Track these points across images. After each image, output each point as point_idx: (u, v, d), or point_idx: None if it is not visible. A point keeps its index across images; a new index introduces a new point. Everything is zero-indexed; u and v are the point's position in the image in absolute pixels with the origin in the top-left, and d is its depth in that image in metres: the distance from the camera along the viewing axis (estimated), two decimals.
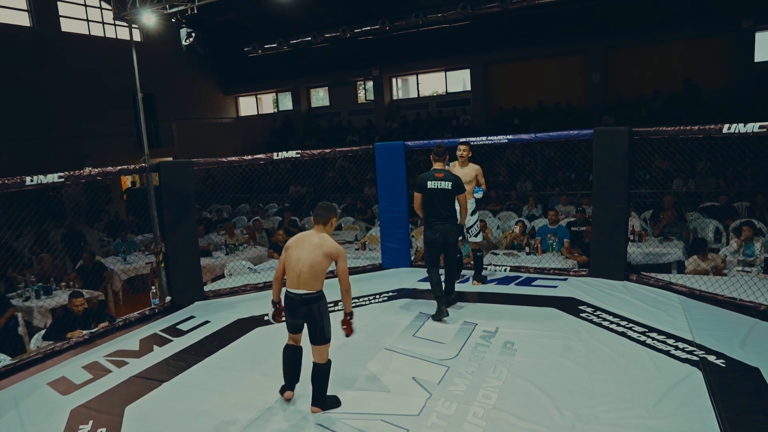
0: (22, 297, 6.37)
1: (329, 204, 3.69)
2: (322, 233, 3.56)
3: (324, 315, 3.46)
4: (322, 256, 3.44)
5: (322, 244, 3.47)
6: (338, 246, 3.52)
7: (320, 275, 3.45)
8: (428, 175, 5.01)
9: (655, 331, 4.37)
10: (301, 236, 3.60)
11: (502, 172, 12.90)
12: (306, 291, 3.42)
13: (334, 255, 3.48)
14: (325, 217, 3.59)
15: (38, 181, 4.61)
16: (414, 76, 18.11)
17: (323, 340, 3.45)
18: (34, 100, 14.18)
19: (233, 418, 3.49)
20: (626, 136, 5.47)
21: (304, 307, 3.43)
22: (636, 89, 14.11)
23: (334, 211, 3.66)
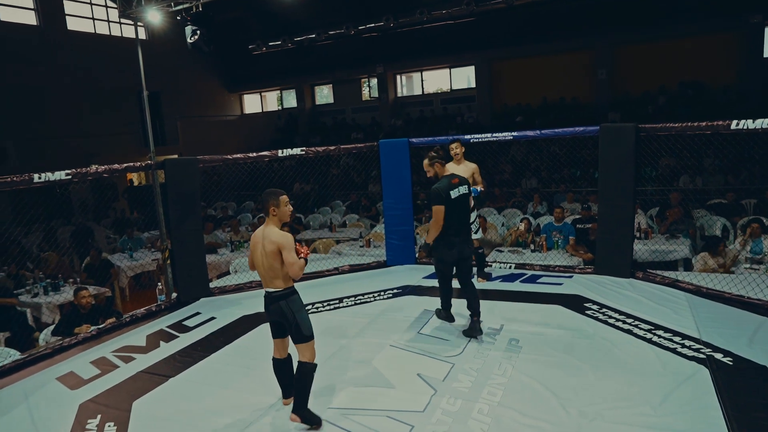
0: (30, 293, 6.42)
1: (270, 190, 3.37)
2: (269, 226, 3.32)
3: (296, 311, 3.29)
4: (270, 255, 3.23)
5: (265, 243, 3.26)
6: (280, 236, 3.23)
7: (278, 273, 3.26)
8: (446, 184, 4.34)
9: (662, 329, 4.35)
10: (256, 234, 3.39)
11: (507, 169, 12.88)
12: (273, 289, 3.31)
13: (276, 249, 3.22)
14: (264, 206, 3.33)
15: (46, 178, 4.64)
16: (418, 73, 18.09)
17: (302, 337, 3.28)
18: (41, 99, 14.26)
19: (239, 414, 3.51)
20: (632, 132, 5.44)
21: (273, 305, 3.30)
22: (642, 86, 14.05)
23: (272, 196, 3.33)
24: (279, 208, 3.32)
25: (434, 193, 4.30)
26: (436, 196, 4.29)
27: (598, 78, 14.78)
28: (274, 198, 3.33)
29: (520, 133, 6.40)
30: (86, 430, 3.43)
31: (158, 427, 3.44)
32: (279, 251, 3.21)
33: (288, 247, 3.21)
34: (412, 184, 6.84)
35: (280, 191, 3.37)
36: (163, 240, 6.16)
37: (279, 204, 3.32)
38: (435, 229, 4.35)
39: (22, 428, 3.51)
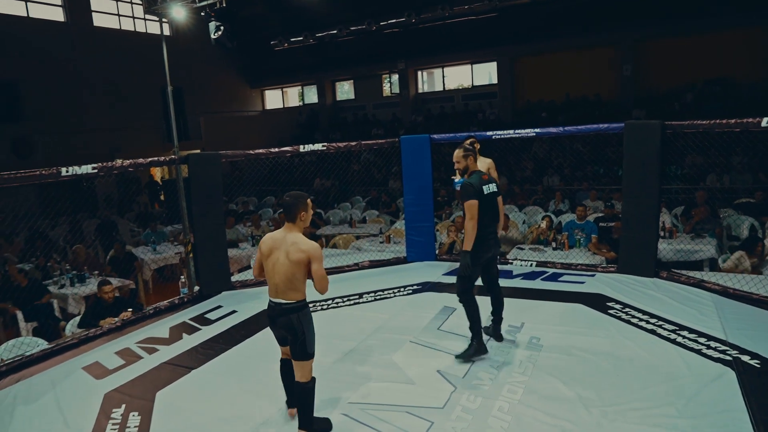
0: (57, 284, 6.57)
1: (297, 193, 3.11)
2: (293, 232, 3.06)
3: (306, 327, 3.07)
4: (295, 264, 2.98)
5: (290, 250, 2.99)
6: (311, 246, 3.01)
7: (297, 284, 3.03)
8: (478, 179, 4.03)
9: (686, 330, 4.28)
10: (273, 238, 3.11)
11: (529, 167, 12.76)
12: (285, 301, 3.06)
13: (305, 259, 2.98)
14: (293, 212, 3.06)
15: (73, 172, 4.74)
16: (440, 69, 18.00)
17: (304, 355, 3.08)
18: (66, 94, 14.57)
19: (259, 406, 3.55)
20: (658, 129, 5.34)
21: (283, 318, 3.07)
22: (668, 82, 13.77)
23: (303, 202, 3.07)
24: (307, 213, 3.10)
25: (468, 187, 3.95)
26: (470, 190, 3.93)
27: (623, 74, 14.53)
28: (304, 202, 3.07)
29: (543, 130, 6.32)
30: (111, 419, 3.50)
31: (181, 417, 3.49)
32: (308, 262, 2.98)
33: (320, 259, 3.00)
34: (433, 181, 6.82)
35: (306, 194, 3.13)
36: (185, 234, 6.24)
37: (307, 209, 3.10)
38: (473, 229, 3.89)
39: (50, 416, 3.60)
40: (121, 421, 3.47)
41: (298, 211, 3.05)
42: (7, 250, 8.73)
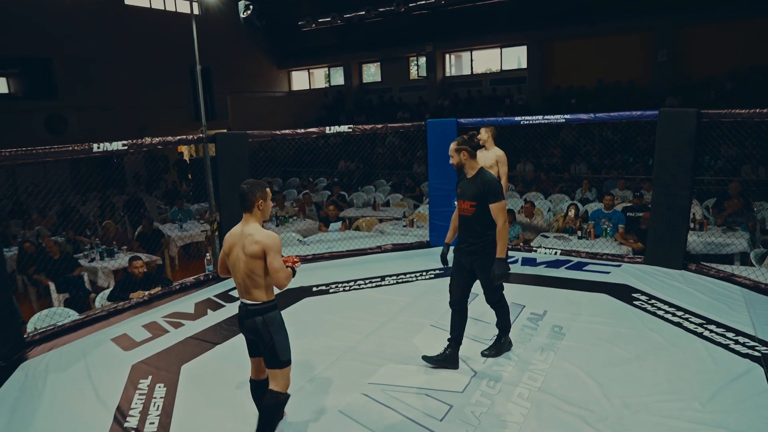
0: (87, 258, 6.75)
1: (254, 181, 2.83)
2: (250, 224, 2.77)
3: (274, 331, 2.77)
4: (251, 258, 2.70)
5: (245, 243, 2.72)
6: (266, 236, 2.70)
7: (259, 281, 2.74)
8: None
9: (714, 324, 4.19)
10: (232, 234, 2.83)
11: (556, 154, 12.55)
12: (250, 301, 2.79)
13: (260, 251, 2.68)
14: (249, 201, 2.76)
15: (104, 148, 4.82)
16: (468, 53, 17.72)
17: (276, 362, 2.78)
18: (97, 71, 14.80)
19: None
20: (694, 118, 5.18)
21: (249, 320, 2.80)
22: (705, 69, 13.30)
23: (260, 190, 2.77)
24: (266, 203, 2.80)
25: (497, 185, 3.53)
26: (499, 189, 3.53)
27: (658, 60, 14.08)
28: (261, 190, 2.78)
29: (573, 116, 6.19)
30: (138, 389, 3.61)
31: (205, 390, 3.58)
32: (263, 254, 2.68)
33: (275, 250, 2.68)
34: None
35: (264, 183, 2.84)
36: (212, 212, 6.33)
37: (266, 197, 2.80)
38: (506, 234, 3.54)
39: (81, 384, 3.73)
40: (147, 391, 3.57)
41: (255, 200, 2.76)
42: (40, 223, 9.01)
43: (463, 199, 3.62)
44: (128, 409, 3.35)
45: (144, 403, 3.42)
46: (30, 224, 9.13)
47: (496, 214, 3.49)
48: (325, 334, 4.37)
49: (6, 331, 4.14)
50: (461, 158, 3.60)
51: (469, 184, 3.59)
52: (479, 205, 3.51)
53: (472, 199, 3.54)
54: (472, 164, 3.61)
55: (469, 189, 3.57)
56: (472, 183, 3.58)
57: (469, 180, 3.61)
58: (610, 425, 2.99)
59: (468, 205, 3.57)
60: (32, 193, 10.60)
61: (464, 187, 3.62)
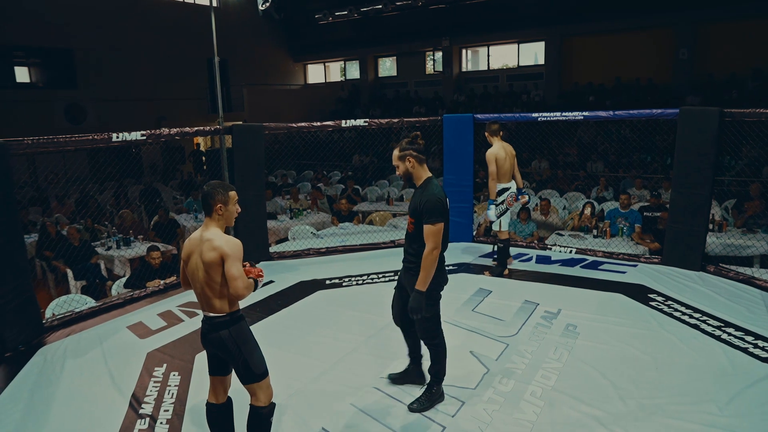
0: (105, 246, 6.83)
1: (217, 183, 2.58)
2: (210, 228, 2.52)
3: (242, 343, 2.54)
4: (209, 266, 2.45)
5: (203, 249, 2.47)
6: (224, 241, 2.45)
7: (219, 290, 2.49)
8: (440, 189, 3.07)
9: (732, 327, 4.13)
10: (191, 240, 2.58)
11: (572, 152, 12.43)
12: (213, 314, 2.54)
13: (217, 258, 2.43)
14: (209, 204, 2.52)
15: (123, 138, 4.86)
16: (485, 48, 17.58)
17: (251, 377, 2.57)
18: (116, 62, 14.93)
19: (296, 373, 3.63)
20: (716, 117, 5.09)
21: (213, 335, 2.54)
22: (728, 68, 13.06)
23: (221, 193, 2.53)
24: (227, 207, 2.55)
25: (435, 204, 2.94)
26: (437, 209, 2.95)
27: (679, 58, 13.85)
28: (223, 193, 2.54)
29: (592, 113, 6.12)
30: (153, 376, 3.65)
31: None
32: (221, 261, 2.44)
33: (233, 257, 2.43)
34: (474, 162, 6.73)
35: (229, 185, 2.61)
36: None
37: (228, 201, 2.55)
38: (432, 263, 2.98)
39: (97, 370, 3.78)
40: (162, 379, 3.61)
41: (215, 203, 2.51)
42: (59, 211, 9.14)
43: (409, 214, 3.13)
44: (143, 396, 3.40)
45: (159, 391, 3.46)
46: (49, 212, 9.27)
47: (427, 236, 2.94)
48: (337, 327, 4.38)
49: (26, 316, 4.21)
50: (407, 166, 3.07)
51: (415, 197, 3.07)
52: (417, 222, 3.02)
53: (411, 215, 3.07)
54: (419, 173, 3.08)
55: (412, 203, 3.08)
56: (416, 196, 3.05)
57: (418, 191, 3.08)
58: (624, 426, 2.96)
59: (410, 221, 3.09)
60: (52, 181, 10.75)
61: (412, 199, 3.11)
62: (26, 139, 4.19)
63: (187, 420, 3.17)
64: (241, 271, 2.47)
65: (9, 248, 4.07)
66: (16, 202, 4.26)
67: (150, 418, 3.17)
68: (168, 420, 3.16)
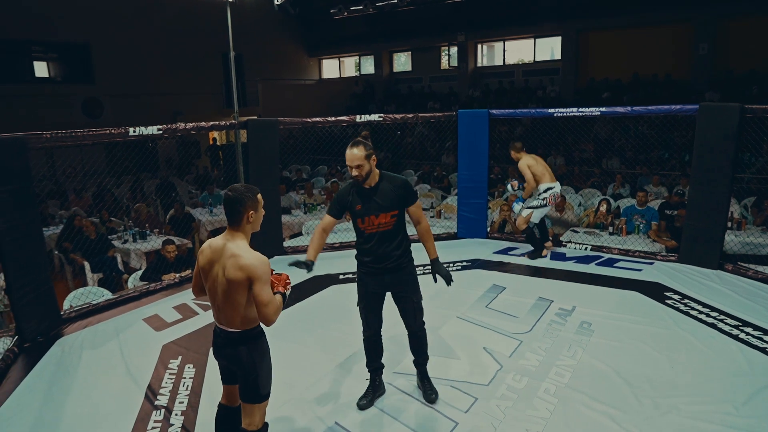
0: (121, 239, 6.92)
1: (243, 187, 2.34)
2: (235, 240, 2.31)
3: (259, 362, 2.39)
4: (232, 284, 2.26)
5: (227, 265, 2.26)
6: (253, 260, 2.23)
7: (241, 310, 2.31)
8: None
9: (750, 326, 4.06)
10: (212, 248, 2.37)
11: (588, 148, 12.30)
12: (231, 329, 2.38)
13: (243, 279, 2.23)
14: (236, 213, 2.30)
15: (140, 132, 4.91)
16: (501, 43, 17.44)
17: (256, 396, 2.41)
18: (133, 58, 15.07)
19: (309, 367, 3.66)
20: (737, 113, 5.00)
21: (229, 349, 2.41)
22: (748, 64, 12.81)
23: (250, 199, 2.30)
24: (257, 213, 2.35)
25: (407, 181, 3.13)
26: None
27: (698, 53, 13.61)
28: (252, 198, 2.31)
29: (609, 109, 6.05)
30: (168, 369, 3.69)
31: None
32: (248, 283, 2.24)
33: (263, 279, 2.22)
34: (489, 158, 6.69)
35: (254, 188, 2.37)
36: None
37: (258, 207, 2.35)
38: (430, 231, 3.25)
39: (114, 361, 3.83)
40: (177, 371, 3.65)
41: (245, 211, 2.29)
42: (76, 204, 9.26)
43: (378, 213, 3.01)
44: (159, 388, 3.44)
45: (174, 383, 3.50)
46: (67, 205, 9.40)
47: (419, 213, 3.14)
48: (350, 322, 4.37)
49: (44, 307, 4.28)
50: (371, 165, 2.98)
51: (380, 193, 3.01)
52: (399, 213, 3.07)
53: (393, 208, 3.03)
54: (375, 171, 3.03)
55: (383, 199, 3.01)
56: (383, 191, 3.02)
57: (374, 189, 3.02)
58: (638, 425, 2.94)
59: (389, 217, 3.03)
60: (70, 174, 10.90)
61: (371, 199, 3.01)
62: (45, 134, 4.25)
63: (201, 412, 3.20)
64: (272, 296, 2.26)
65: (28, 241, 4.14)
66: (35, 196, 4.33)
67: (165, 410, 3.21)
68: (183, 411, 3.20)
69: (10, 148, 4.01)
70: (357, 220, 3.07)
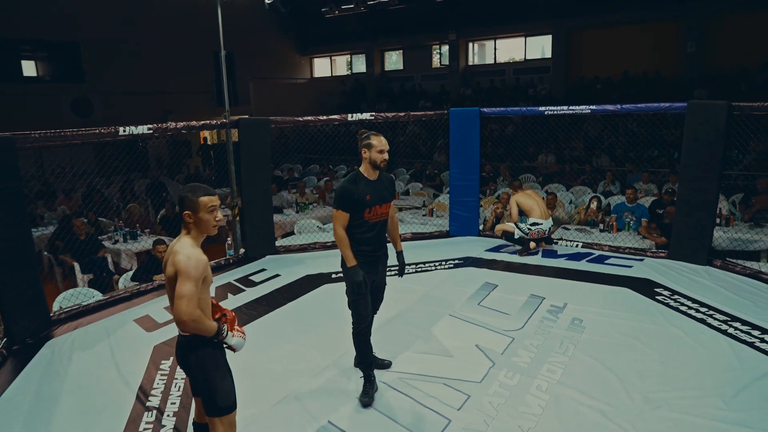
0: (111, 240, 6.87)
1: (188, 186, 2.30)
2: (182, 239, 2.26)
3: (210, 370, 2.26)
4: (168, 282, 2.22)
5: (168, 262, 2.23)
6: (184, 255, 2.17)
7: None
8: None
9: (739, 321, 4.11)
10: (168, 249, 2.33)
11: (579, 146, 12.36)
12: (181, 332, 2.29)
13: (173, 273, 2.18)
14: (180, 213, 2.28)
15: (130, 131, 4.88)
16: (492, 41, 17.49)
17: (214, 409, 2.26)
18: (123, 56, 14.96)
19: (302, 366, 3.65)
20: (724, 110, 5.05)
21: (179, 353, 2.33)
22: (737, 61, 12.93)
23: (186, 199, 2.24)
24: (197, 215, 2.24)
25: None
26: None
27: (687, 51, 13.73)
28: (191, 199, 2.23)
29: (599, 107, 6.08)
30: (160, 369, 3.67)
31: None
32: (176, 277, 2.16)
33: (188, 275, 2.13)
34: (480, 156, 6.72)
35: (203, 188, 2.28)
36: (233, 197, 6.38)
37: (197, 208, 2.24)
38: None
39: (105, 362, 3.81)
40: (169, 372, 3.63)
41: (181, 210, 2.25)
42: (65, 205, 9.19)
43: (381, 203, 3.25)
44: (150, 389, 3.42)
45: (165, 384, 3.49)
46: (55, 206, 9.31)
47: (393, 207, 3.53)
48: (342, 321, 4.37)
49: (33, 309, 4.24)
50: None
51: (381, 185, 3.28)
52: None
53: (390, 199, 3.35)
54: None
55: (384, 191, 3.28)
56: (383, 183, 3.29)
57: (377, 181, 3.26)
58: (629, 420, 2.96)
59: (387, 208, 3.30)
60: (59, 174, 10.81)
61: (377, 190, 3.23)
62: (33, 133, 4.21)
63: (193, 412, 3.18)
64: (192, 294, 2.13)
65: (17, 242, 4.10)
66: (24, 196, 4.29)
67: (157, 411, 3.20)
68: (175, 413, 3.18)
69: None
70: (365, 210, 3.20)
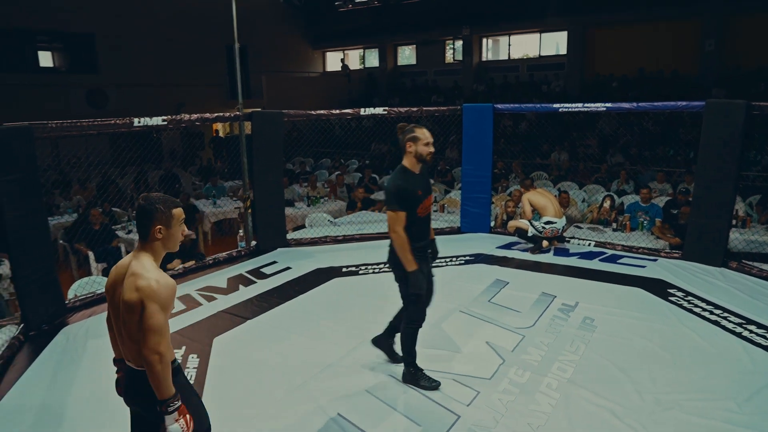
0: (125, 230, 6.94)
1: (155, 196, 1.96)
2: (141, 259, 1.93)
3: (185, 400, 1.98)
4: (126, 309, 1.88)
5: (125, 285, 1.90)
6: (151, 280, 1.86)
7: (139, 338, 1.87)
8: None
9: (754, 324, 4.06)
10: (117, 268, 2.02)
11: (593, 144, 12.26)
12: (132, 365, 1.99)
13: (137, 302, 1.85)
14: (143, 227, 1.95)
15: (144, 123, 4.92)
16: (506, 37, 17.35)
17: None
18: (137, 48, 15.05)
19: (312, 359, 3.66)
20: (743, 110, 4.98)
21: (131, 390, 2.03)
22: (755, 60, 12.72)
23: (158, 211, 1.93)
24: (169, 230, 1.96)
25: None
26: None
27: (705, 50, 13.53)
28: (164, 211, 1.94)
29: (615, 105, 6.02)
30: None
31: (235, 363, 3.66)
32: (141, 306, 1.85)
33: (159, 302, 1.85)
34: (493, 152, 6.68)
35: (171, 199, 1.99)
36: (245, 190, 6.41)
37: (171, 222, 1.96)
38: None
39: None
40: (181, 361, 3.65)
41: (152, 225, 1.93)
42: (80, 194, 9.28)
43: (428, 195, 3.21)
44: None
45: None
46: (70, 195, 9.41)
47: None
48: (353, 315, 4.41)
49: (49, 296, 4.30)
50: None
51: (425, 177, 3.25)
52: None
53: (432, 190, 3.34)
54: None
55: (428, 183, 3.28)
56: (423, 176, 3.24)
57: (422, 174, 3.22)
58: (640, 421, 2.94)
59: (431, 199, 3.28)
60: (74, 164, 10.92)
61: (424, 184, 3.20)
62: (50, 123, 4.25)
63: (205, 401, 3.20)
64: (166, 327, 1.87)
65: (33, 231, 4.16)
66: (41, 185, 4.34)
67: None
68: None
69: (17, 137, 4.01)
70: (419, 205, 3.11)
